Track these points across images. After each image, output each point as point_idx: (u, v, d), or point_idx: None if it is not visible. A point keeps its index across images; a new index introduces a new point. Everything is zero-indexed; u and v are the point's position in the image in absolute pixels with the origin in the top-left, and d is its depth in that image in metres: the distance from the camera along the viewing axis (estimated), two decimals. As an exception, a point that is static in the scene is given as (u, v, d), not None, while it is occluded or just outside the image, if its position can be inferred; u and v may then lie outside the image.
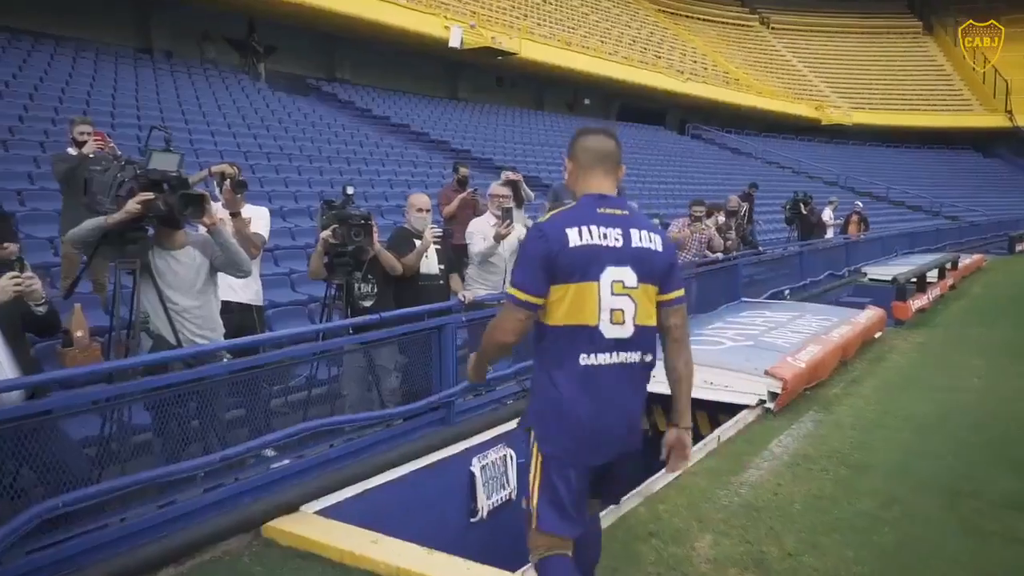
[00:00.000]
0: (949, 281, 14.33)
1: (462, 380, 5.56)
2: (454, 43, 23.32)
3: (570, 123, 28.15)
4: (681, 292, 2.57)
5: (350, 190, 5.39)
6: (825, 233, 14.61)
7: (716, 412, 6.50)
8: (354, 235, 5.07)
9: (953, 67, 50.39)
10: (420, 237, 5.67)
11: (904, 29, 53.25)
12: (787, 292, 12.10)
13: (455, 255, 6.53)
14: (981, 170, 44.74)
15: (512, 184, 7.50)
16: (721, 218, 10.05)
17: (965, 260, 16.56)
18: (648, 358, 2.51)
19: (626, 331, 2.42)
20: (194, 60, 19.27)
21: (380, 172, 14.89)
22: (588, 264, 2.39)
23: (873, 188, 34.02)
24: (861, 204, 19.54)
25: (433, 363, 5.42)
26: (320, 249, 5.19)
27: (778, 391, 6.22)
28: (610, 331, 2.40)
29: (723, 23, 49.75)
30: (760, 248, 12.93)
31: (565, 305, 2.39)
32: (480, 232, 6.16)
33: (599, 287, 2.39)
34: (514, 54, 26.51)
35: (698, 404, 6.46)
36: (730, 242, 10.01)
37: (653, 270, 2.47)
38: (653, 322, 2.50)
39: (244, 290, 5.36)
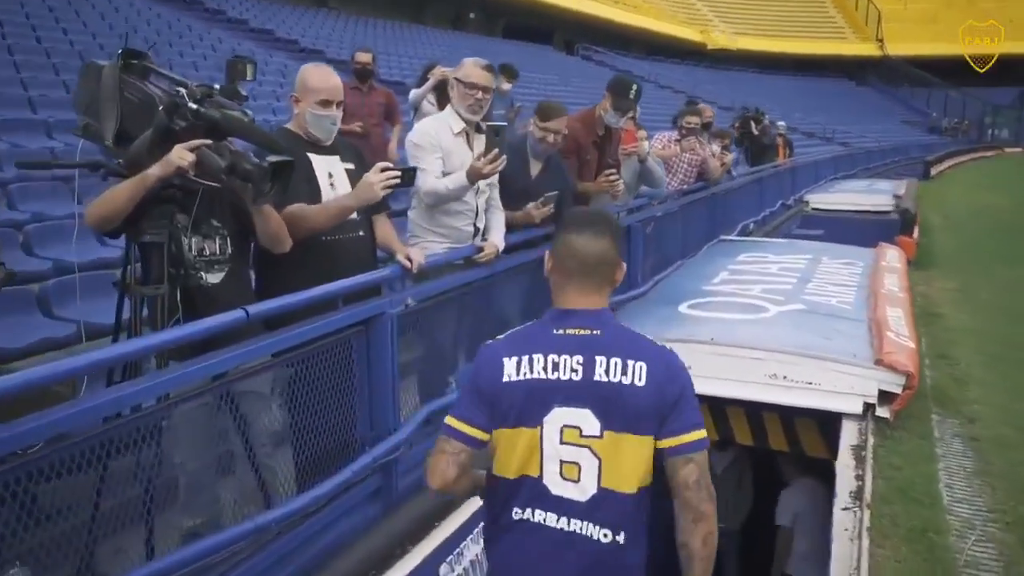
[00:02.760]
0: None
1: (413, 415, 3.01)
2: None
3: (455, 40, 25.13)
4: (695, 436, 1.75)
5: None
6: (777, 156, 12.62)
7: (791, 416, 4.31)
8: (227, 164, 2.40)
9: (829, -6, 50.45)
10: (322, 149, 2.95)
11: (783, -46, 52.64)
12: (751, 227, 10.07)
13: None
14: (855, 98, 45.08)
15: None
16: (715, 147, 7.67)
17: (901, 187, 15.19)
18: (621, 539, 1.77)
19: (582, 492, 1.77)
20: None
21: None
22: (525, 404, 1.77)
23: (767, 114, 32.95)
24: (784, 124, 17.83)
25: (356, 390, 2.79)
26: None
27: (897, 390, 3.98)
28: (558, 488, 1.78)
29: (607, -60, 47.21)
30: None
31: (500, 454, 1.81)
32: (438, 146, 3.47)
33: (540, 435, 1.77)
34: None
35: (764, 407, 4.24)
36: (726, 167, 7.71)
37: (629, 413, 1.74)
38: (634, 487, 1.76)
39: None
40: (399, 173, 2.85)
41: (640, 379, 1.75)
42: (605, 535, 1.77)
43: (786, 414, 4.53)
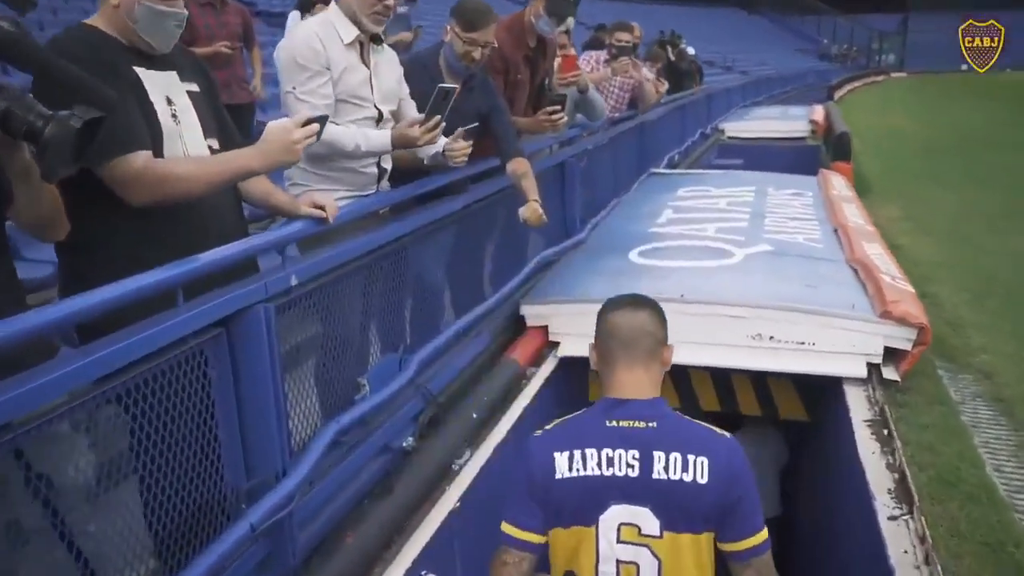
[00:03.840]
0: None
1: (312, 443, 2.10)
2: None
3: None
4: (758, 540, 1.69)
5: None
6: (695, 83, 11.88)
7: (763, 377, 3.83)
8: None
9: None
10: (153, 62, 1.93)
11: None
12: (676, 158, 9.38)
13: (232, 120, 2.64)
14: (748, 27, 45.14)
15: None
16: (648, 71, 6.79)
17: (816, 112, 14.82)
18: None
19: None
20: None
21: None
22: (581, 503, 1.71)
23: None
24: (694, 52, 17.18)
25: (220, 425, 1.84)
26: None
27: (907, 347, 3.31)
28: None
29: None
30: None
31: (551, 552, 1.76)
32: (326, 65, 2.50)
33: (596, 534, 1.70)
34: None
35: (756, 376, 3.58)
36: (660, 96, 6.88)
37: (690, 513, 1.67)
38: None
39: None
40: (317, 127, 1.97)
41: (702, 476, 1.66)
42: None
43: (758, 375, 3.85)
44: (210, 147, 2.03)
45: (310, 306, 2.22)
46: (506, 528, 1.75)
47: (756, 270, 4.04)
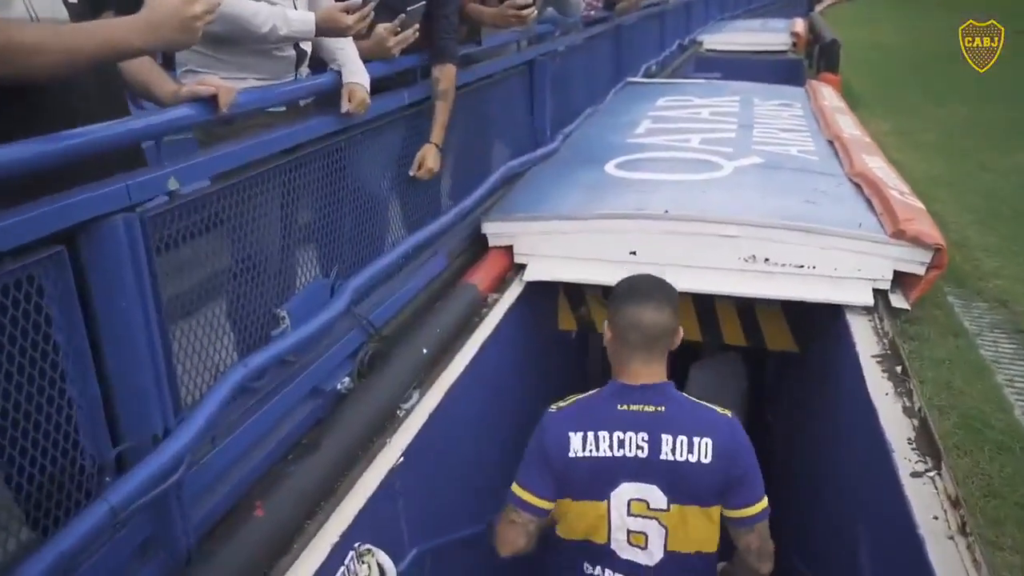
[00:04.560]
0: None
1: (209, 395, 1.63)
2: None
3: None
4: (759, 508, 1.82)
5: None
6: (669, -14, 11.10)
7: (750, 304, 3.48)
8: None
9: None
10: None
11: None
12: (654, 68, 8.80)
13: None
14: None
15: None
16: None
17: (797, 24, 14.17)
18: None
19: (650, 558, 1.84)
20: None
21: None
22: (593, 480, 1.83)
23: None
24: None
25: (70, 377, 1.37)
26: None
27: (920, 270, 2.92)
28: (626, 552, 1.85)
29: None
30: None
31: (564, 519, 1.89)
32: None
33: (608, 508, 1.83)
34: None
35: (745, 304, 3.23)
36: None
37: (696, 489, 1.80)
38: (701, 548, 1.84)
39: None
40: None
41: (706, 456, 1.77)
42: None
43: (745, 304, 3.46)
44: (67, 2, 1.51)
45: (207, 221, 1.73)
46: (518, 491, 1.85)
47: (748, 185, 3.59)
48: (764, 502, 1.82)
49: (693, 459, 1.77)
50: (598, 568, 1.86)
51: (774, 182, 3.64)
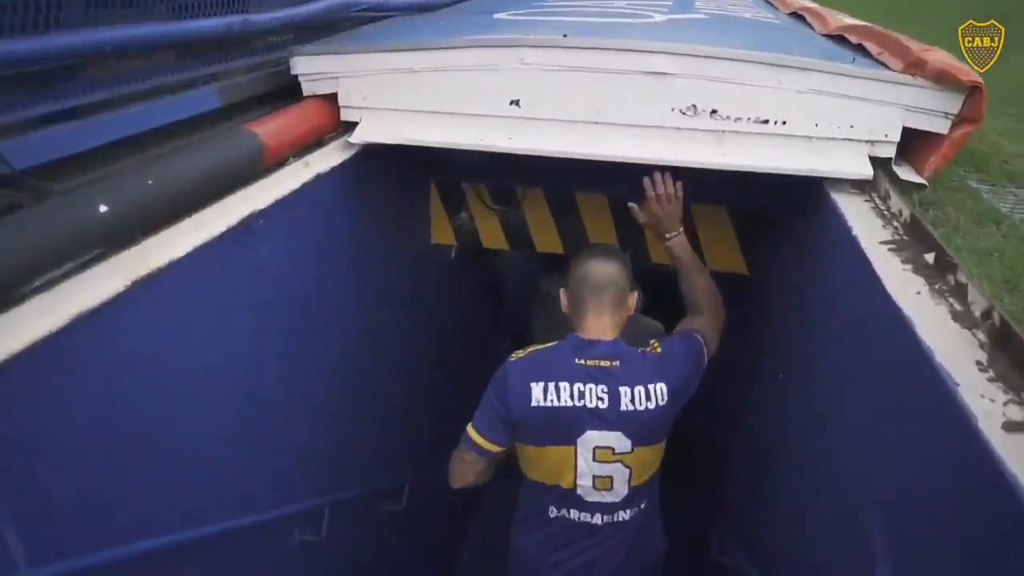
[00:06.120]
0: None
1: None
2: None
3: None
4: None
5: None
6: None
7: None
8: None
9: None
10: None
11: None
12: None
13: None
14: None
15: None
16: None
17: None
18: (644, 505, 2.00)
19: (616, 496, 1.94)
20: None
21: None
22: (555, 428, 1.88)
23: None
24: None
25: None
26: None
27: (942, 127, 1.92)
28: (592, 495, 1.94)
29: None
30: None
31: (532, 465, 1.97)
32: None
33: (575, 453, 1.89)
34: None
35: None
36: None
37: (656, 429, 1.89)
38: (654, 470, 1.98)
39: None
40: None
41: (663, 398, 1.86)
42: (640, 509, 2.00)
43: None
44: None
45: None
46: (472, 434, 1.91)
47: (691, 29, 2.55)
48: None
49: (652, 405, 1.85)
50: (564, 511, 1.96)
51: (729, 28, 2.61)
